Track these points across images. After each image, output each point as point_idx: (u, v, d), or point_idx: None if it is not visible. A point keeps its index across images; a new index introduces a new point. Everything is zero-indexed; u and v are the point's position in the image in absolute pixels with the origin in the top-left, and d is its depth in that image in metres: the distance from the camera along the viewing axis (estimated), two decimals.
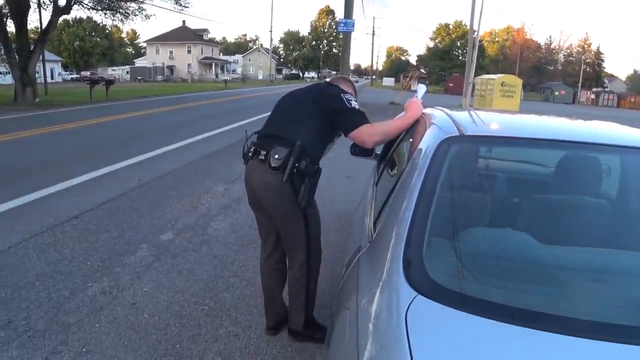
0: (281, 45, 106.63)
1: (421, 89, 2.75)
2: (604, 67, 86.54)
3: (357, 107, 2.55)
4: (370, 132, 2.48)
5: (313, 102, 2.57)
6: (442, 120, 2.13)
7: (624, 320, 1.24)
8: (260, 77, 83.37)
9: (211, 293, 3.48)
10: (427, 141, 1.90)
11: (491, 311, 1.18)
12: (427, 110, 2.55)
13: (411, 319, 1.15)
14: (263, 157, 2.51)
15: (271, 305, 2.92)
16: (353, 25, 17.31)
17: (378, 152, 3.63)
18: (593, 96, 57.57)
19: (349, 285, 1.65)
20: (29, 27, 22.39)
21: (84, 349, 2.74)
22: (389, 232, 1.56)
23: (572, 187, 2.00)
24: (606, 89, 65.17)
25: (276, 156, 2.45)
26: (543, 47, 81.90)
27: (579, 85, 64.21)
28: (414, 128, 2.45)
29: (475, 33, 20.88)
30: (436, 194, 1.57)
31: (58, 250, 4.17)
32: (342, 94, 2.56)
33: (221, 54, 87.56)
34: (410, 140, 2.43)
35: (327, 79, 3.13)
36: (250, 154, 2.61)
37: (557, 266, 1.54)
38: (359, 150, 3.74)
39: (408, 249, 1.39)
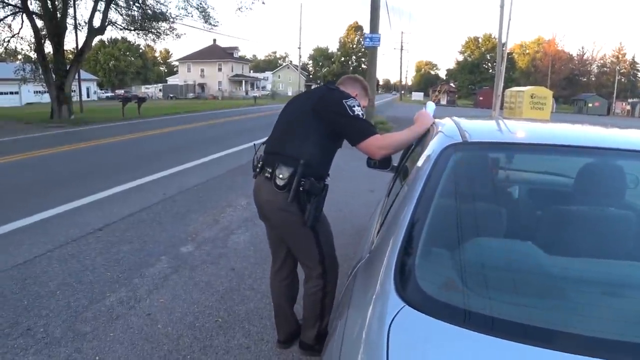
0: (310, 61, 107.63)
1: (429, 106, 2.69)
2: None
3: (361, 114, 2.42)
4: (380, 145, 2.39)
5: (313, 111, 2.45)
6: (448, 128, 2.09)
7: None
8: (290, 93, 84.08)
9: (226, 305, 3.49)
10: (431, 149, 1.87)
11: (483, 325, 1.13)
12: (439, 120, 2.51)
13: (394, 331, 1.10)
14: (269, 175, 2.47)
15: (281, 318, 2.90)
16: (379, 40, 17.34)
17: (395, 164, 3.60)
18: (629, 107, 55.85)
19: (345, 297, 1.62)
20: (65, 47, 23.30)
21: (97, 357, 2.78)
22: (387, 241, 1.53)
23: (584, 196, 1.91)
24: None
25: (280, 175, 2.40)
26: (575, 58, 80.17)
27: (614, 96, 62.41)
28: (424, 137, 2.42)
29: (504, 45, 20.64)
30: (434, 202, 1.53)
31: (80, 261, 4.26)
32: (343, 100, 2.42)
33: (251, 71, 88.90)
34: (419, 149, 2.41)
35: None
36: (258, 169, 2.58)
37: (564, 278, 1.46)
38: (375, 162, 3.72)
39: (401, 258, 1.35)
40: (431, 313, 1.16)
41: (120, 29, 25.13)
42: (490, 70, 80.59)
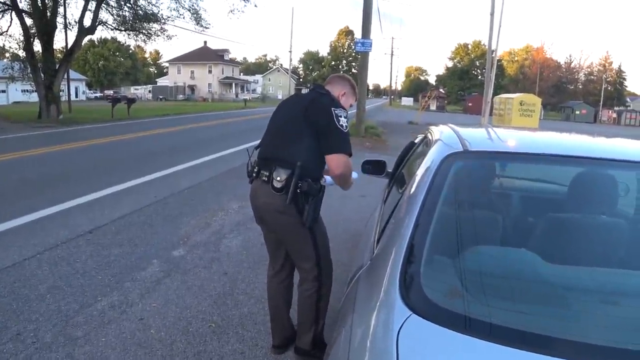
0: (301, 65, 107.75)
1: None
2: (626, 86, 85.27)
3: (345, 125, 2.47)
4: (345, 166, 2.46)
5: (304, 116, 2.49)
6: (447, 136, 2.11)
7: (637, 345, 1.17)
8: (280, 96, 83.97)
9: (219, 310, 3.46)
10: (432, 157, 1.88)
11: (490, 333, 1.14)
12: (436, 127, 2.53)
13: (403, 339, 1.11)
14: (266, 178, 2.50)
15: (277, 322, 2.89)
16: (370, 45, 17.40)
17: (389, 170, 3.62)
18: (615, 115, 56.62)
19: (348, 303, 1.62)
20: (55, 46, 23.05)
21: None
22: (390, 249, 1.53)
23: (582, 205, 1.93)
24: (628, 108, 64.08)
25: (278, 178, 2.43)
26: (563, 66, 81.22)
27: (601, 104, 63.31)
28: (422, 145, 2.43)
29: (494, 52, 20.83)
30: (437, 211, 1.54)
31: (71, 264, 4.20)
32: (332, 109, 2.46)
33: (242, 73, 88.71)
34: (418, 157, 2.41)
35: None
36: (254, 174, 2.61)
37: (564, 286, 1.48)
38: (370, 168, 3.74)
39: (406, 266, 1.35)
40: (438, 321, 1.17)
41: (111, 29, 24.97)
42: (480, 77, 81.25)
